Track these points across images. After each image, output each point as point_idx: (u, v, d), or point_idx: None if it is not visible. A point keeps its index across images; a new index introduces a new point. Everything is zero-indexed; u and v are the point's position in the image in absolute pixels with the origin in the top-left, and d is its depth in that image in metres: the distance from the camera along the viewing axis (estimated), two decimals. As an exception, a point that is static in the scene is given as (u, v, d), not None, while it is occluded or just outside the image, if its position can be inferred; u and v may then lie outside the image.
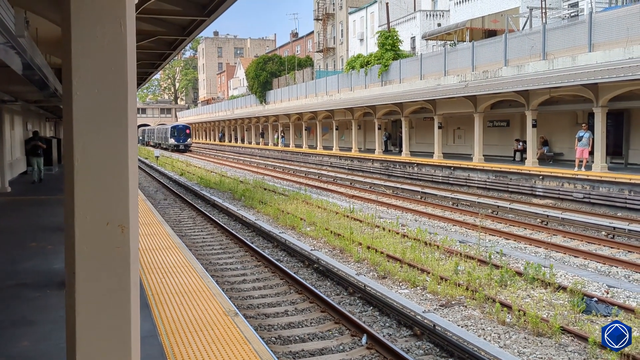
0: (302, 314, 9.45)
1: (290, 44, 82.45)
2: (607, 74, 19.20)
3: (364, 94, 39.50)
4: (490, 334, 8.44)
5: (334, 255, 13.68)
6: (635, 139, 23.01)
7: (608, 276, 11.65)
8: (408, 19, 46.61)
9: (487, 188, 24.33)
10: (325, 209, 19.75)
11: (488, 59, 27.73)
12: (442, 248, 13.38)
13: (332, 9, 62.31)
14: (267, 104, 62.36)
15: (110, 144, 2.86)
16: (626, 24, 20.56)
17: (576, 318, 8.93)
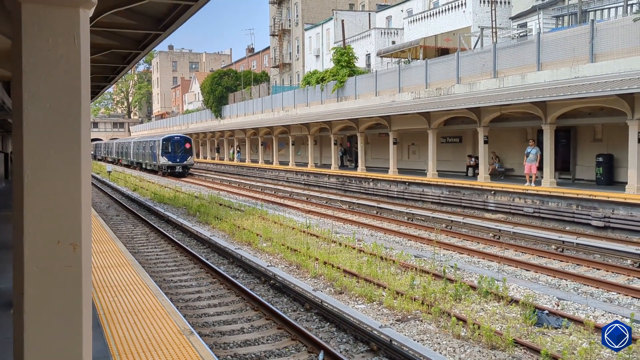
0: (259, 331, 9.35)
1: (247, 59, 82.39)
2: (554, 92, 19.87)
3: (320, 109, 39.73)
4: (446, 348, 8.52)
5: (290, 271, 13.61)
6: (582, 155, 23.84)
7: (558, 289, 11.96)
8: (363, 36, 47.26)
9: (441, 203, 24.73)
10: (282, 224, 19.67)
11: (441, 77, 28.35)
12: (398, 263, 13.48)
13: (288, 25, 62.67)
14: (223, 119, 61.99)
15: (62, 160, 2.78)
16: (572, 44, 21.40)
17: (528, 331, 9.12)
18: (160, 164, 48.15)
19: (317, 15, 58.39)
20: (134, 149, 59.42)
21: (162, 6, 8.76)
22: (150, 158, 51.36)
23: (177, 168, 47.42)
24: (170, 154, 47.52)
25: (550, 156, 21.33)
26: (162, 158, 47.51)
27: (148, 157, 52.60)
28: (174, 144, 47.74)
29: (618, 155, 21.39)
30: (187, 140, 48.59)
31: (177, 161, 47.60)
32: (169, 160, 47.47)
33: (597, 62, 20.30)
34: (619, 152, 21.00)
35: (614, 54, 19.74)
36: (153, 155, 50.06)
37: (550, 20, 28.89)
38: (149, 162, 52.60)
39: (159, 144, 47.88)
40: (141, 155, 55.57)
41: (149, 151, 51.77)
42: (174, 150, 47.62)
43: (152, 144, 50.49)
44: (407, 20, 41.59)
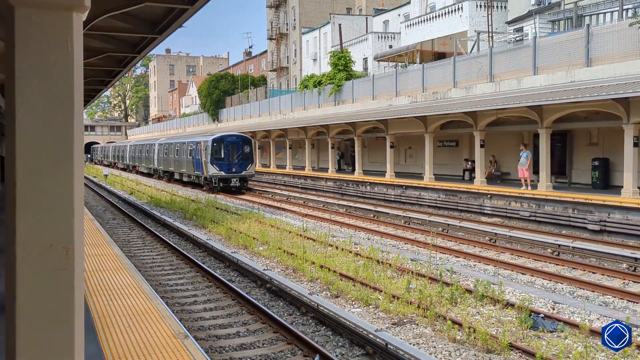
0: (254, 335, 9.34)
1: (244, 63, 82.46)
2: (550, 96, 19.93)
3: (318, 113, 39.77)
4: (442, 352, 8.52)
5: (287, 274, 13.60)
6: (577, 159, 23.89)
7: (554, 292, 11.97)
8: (360, 40, 47.35)
9: (438, 207, 24.75)
10: (279, 228, 19.66)
11: (438, 81, 28.42)
12: (394, 266, 13.49)
13: (285, 29, 62.76)
14: (220, 122, 61.99)
15: (54, 164, 2.78)
16: (568, 48, 21.47)
17: (524, 334, 9.13)
18: (208, 175, 34.06)
19: (315, 19, 58.50)
20: (161, 154, 46.03)
21: (157, 10, 8.77)
22: (191, 166, 37.50)
23: (232, 181, 33.87)
24: (223, 162, 33.81)
25: (546, 160, 21.38)
26: (210, 167, 33.64)
27: (186, 165, 38.63)
28: (228, 147, 33.90)
29: (614, 159, 21.45)
30: (247, 141, 35.09)
31: (233, 171, 33.83)
32: (222, 169, 33.76)
33: (593, 67, 20.36)
34: (615, 156, 21.06)
35: (609, 58, 19.81)
36: (196, 162, 36.18)
37: (546, 24, 28.98)
38: (187, 171, 38.80)
39: (207, 146, 34.10)
40: (174, 163, 42.16)
41: (188, 157, 38.00)
42: (229, 155, 33.82)
43: (194, 147, 36.55)
44: (404, 25, 41.69)
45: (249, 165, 34.53)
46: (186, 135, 51.31)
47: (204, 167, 34.55)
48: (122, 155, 66.76)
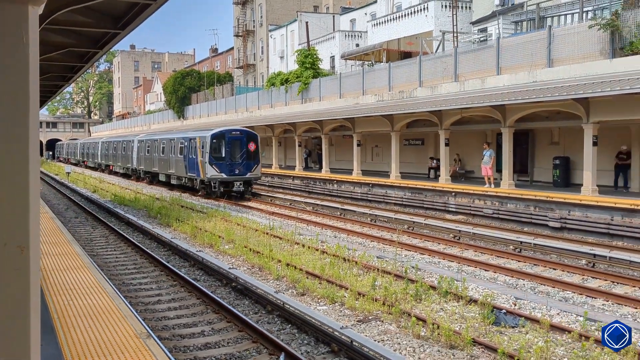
0: (219, 334, 9.27)
1: (210, 60, 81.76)
2: (513, 96, 20.29)
3: (285, 111, 39.69)
4: (406, 348, 8.60)
5: (252, 273, 13.55)
6: (539, 158, 24.40)
7: (516, 288, 12.20)
8: (327, 38, 47.40)
9: (404, 204, 24.96)
10: (245, 226, 19.57)
11: (404, 80, 28.65)
12: (360, 264, 13.55)
13: (252, 26, 62.41)
14: (186, 120, 61.34)
15: (8, 160, 2.70)
16: (530, 49, 21.88)
17: (486, 330, 9.27)
18: (205, 178, 28.92)
19: (282, 16, 58.31)
20: (141, 152, 40.53)
21: (120, 4, 8.62)
22: (182, 167, 32.16)
23: (235, 185, 28.77)
24: (225, 162, 28.67)
25: (509, 158, 21.76)
26: (209, 168, 28.51)
27: (176, 165, 33.33)
28: (230, 144, 28.93)
29: (574, 158, 21.97)
30: (252, 137, 29.82)
31: (237, 173, 28.73)
32: (222, 171, 28.62)
33: (554, 67, 20.80)
34: (575, 154, 21.57)
35: (570, 59, 20.26)
36: (189, 162, 30.97)
37: (509, 25, 29.48)
38: (176, 172, 33.32)
39: (204, 143, 28.99)
40: (158, 162, 36.76)
41: (178, 156, 32.72)
42: (232, 154, 28.84)
43: (186, 144, 31.42)
44: (371, 24, 41.89)
45: (254, 166, 29.27)
46: (175, 131, 44.34)
47: (200, 168, 29.35)
48: (92, 153, 60.43)
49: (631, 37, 18.22)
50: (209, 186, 29.45)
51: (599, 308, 10.75)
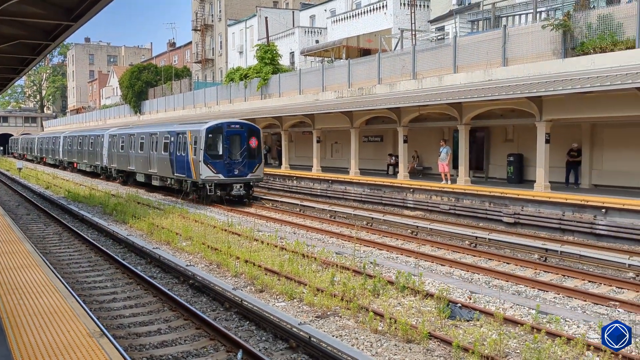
0: (176, 332, 9.16)
1: (168, 54, 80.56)
2: (469, 94, 20.64)
3: (244, 106, 39.41)
4: (364, 343, 8.67)
5: (210, 270, 13.43)
6: (494, 154, 24.93)
7: (471, 283, 12.45)
8: (287, 34, 47.28)
9: (363, 201, 25.14)
10: (203, 223, 19.38)
11: (363, 77, 28.80)
12: (319, 260, 13.60)
13: (211, 21, 61.75)
14: (142, 115, 60.29)
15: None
16: (486, 48, 22.28)
17: (442, 324, 9.43)
18: (199, 180, 24.74)
19: (241, 11, 57.87)
20: (113, 148, 36.16)
21: (73, -4, 8.40)
22: (167, 167, 27.91)
23: (235, 188, 24.91)
24: (222, 160, 24.75)
25: (465, 155, 22.15)
26: (204, 168, 24.46)
27: (159, 164, 28.99)
28: (229, 140, 24.94)
29: (527, 155, 22.51)
30: (254, 131, 25.94)
31: (236, 174, 24.94)
32: (220, 171, 24.69)
33: (509, 66, 21.23)
34: (529, 152, 22.10)
35: (524, 58, 20.72)
36: (177, 161, 26.77)
37: (466, 24, 29.97)
38: (159, 172, 29.08)
39: (197, 138, 24.97)
40: (136, 161, 32.25)
41: (162, 154, 28.52)
42: (231, 151, 24.96)
43: (173, 139, 27.21)
44: (331, 20, 41.98)
45: (256, 166, 25.38)
46: (157, 124, 39.65)
47: (192, 168, 25.06)
48: (53, 149, 55.45)
49: (582, 38, 18.75)
50: (202, 189, 25.13)
51: (550, 301, 11.06)
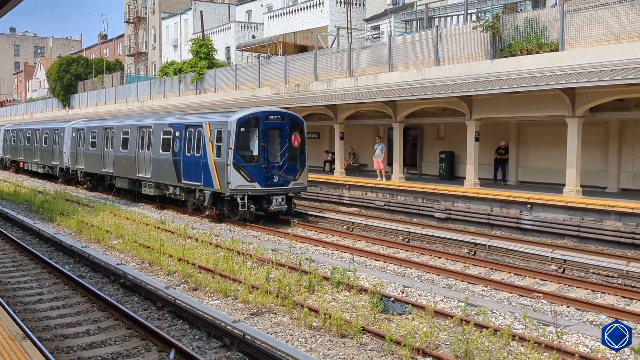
0: (106, 333, 8.92)
1: (99, 46, 78.04)
2: (403, 92, 21.05)
3: (178, 101, 38.67)
4: (298, 339, 8.71)
5: (142, 269, 13.13)
6: (427, 152, 25.55)
7: (404, 277, 12.72)
8: (223, 28, 46.72)
9: (300, 197, 25.16)
10: (135, 220, 18.90)
11: (300, 73, 28.84)
12: (254, 257, 13.54)
13: (144, 13, 60.19)
14: (72, 109, 58.13)
15: None
16: (419, 48, 22.76)
17: (376, 318, 9.59)
18: (228, 190, 18.40)
19: (175, 4, 56.71)
20: (79, 145, 29.76)
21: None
22: (173, 172, 21.12)
23: (274, 201, 18.77)
24: (258, 164, 18.67)
25: (400, 152, 22.58)
26: (234, 174, 18.26)
27: (158, 168, 22.25)
28: (267, 136, 18.90)
29: (458, 153, 23.21)
30: (297, 123, 19.94)
31: (276, 182, 18.87)
32: (256, 178, 18.55)
33: (441, 66, 21.78)
34: (459, 149, 22.78)
35: (455, 58, 21.29)
36: (189, 164, 20.21)
37: (400, 24, 30.51)
38: (159, 179, 22.34)
39: (223, 133, 18.67)
40: (117, 162, 25.69)
41: (160, 154, 21.96)
42: (268, 150, 18.89)
43: (183, 135, 20.60)
44: (267, 16, 41.79)
45: (299, 170, 19.45)
46: (147, 114, 32.12)
47: (214, 173, 18.75)
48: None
49: (510, 40, 19.45)
50: (228, 202, 18.84)
51: (478, 293, 11.45)
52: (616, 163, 19.19)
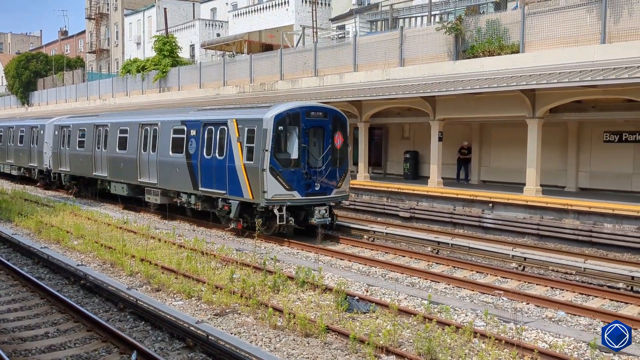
0: (66, 335, 8.73)
1: (59, 43, 76.29)
2: (368, 92, 21.18)
3: (141, 99, 38.10)
4: (262, 339, 8.68)
5: (104, 269, 12.90)
6: (392, 151, 25.76)
7: (368, 276, 12.80)
8: (187, 26, 46.24)
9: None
10: (96, 220, 18.55)
11: (265, 72, 28.73)
12: (219, 257, 13.43)
13: (106, 9, 59.14)
14: (31, 106, 56.70)
15: None
16: (384, 48, 22.93)
17: (340, 317, 9.62)
18: (262, 200, 15.76)
19: (139, 0, 55.81)
20: (63, 144, 26.78)
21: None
22: (184, 177, 18.61)
23: (317, 213, 16.24)
24: (299, 169, 16.11)
25: (365, 152, 22.72)
26: (271, 181, 15.68)
27: (167, 173, 19.53)
28: (307, 134, 16.35)
29: (422, 152, 23.47)
30: (340, 121, 17.17)
31: (317, 190, 16.29)
32: (295, 186, 16.00)
33: (406, 66, 21.98)
34: (424, 149, 23.03)
35: (419, 59, 21.51)
36: (209, 169, 17.57)
37: (365, 24, 30.69)
38: (166, 184, 19.63)
39: (261, 133, 15.94)
40: (114, 164, 22.59)
41: (172, 157, 19.19)
42: (308, 152, 16.31)
43: (204, 134, 17.88)
44: (232, 14, 41.51)
45: (342, 176, 16.92)
46: (149, 111, 27.73)
47: (244, 180, 16.21)
48: None
49: (472, 41, 19.76)
50: (263, 214, 16.11)
51: (441, 291, 11.61)
52: (575, 163, 19.69)
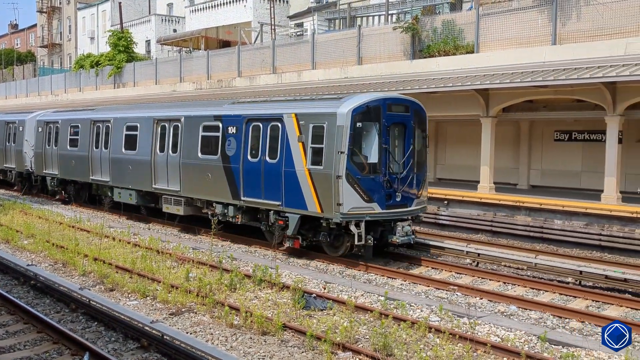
0: (15, 337, 8.48)
1: (9, 36, 73.93)
2: (326, 90, 21.21)
3: (95, 95, 37.27)
4: (219, 338, 8.61)
5: (55, 269, 12.58)
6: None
7: (326, 273, 12.84)
8: (143, 21, 45.47)
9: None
10: (48, 219, 18.07)
11: (223, 69, 28.48)
12: (174, 256, 13.28)
13: (58, 3, 57.60)
14: (-21, 101, 54.75)
15: None
16: (342, 47, 23.03)
17: (297, 314, 9.62)
18: (337, 215, 12.56)
19: (93, -6, 54.55)
20: (50, 143, 23.27)
21: None
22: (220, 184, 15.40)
23: (399, 229, 13.19)
24: (379, 176, 12.97)
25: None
26: (348, 190, 12.57)
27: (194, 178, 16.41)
28: (388, 133, 13.13)
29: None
30: (422, 117, 13.98)
31: (398, 202, 13.24)
32: (375, 197, 12.85)
33: (363, 65, 22.12)
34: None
35: (377, 58, 21.69)
36: (255, 175, 14.43)
37: (323, 22, 30.77)
38: (192, 192, 16.59)
39: (331, 130, 12.74)
40: (118, 168, 19.33)
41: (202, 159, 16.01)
42: (388, 154, 13.14)
43: (246, 132, 14.68)
44: (189, 10, 41.03)
45: (422, 184, 14.05)
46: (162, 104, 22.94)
47: (308, 189, 13.20)
48: None
49: (428, 41, 20.04)
50: (332, 231, 13.28)
51: (397, 288, 11.74)
52: (527, 161, 20.21)
